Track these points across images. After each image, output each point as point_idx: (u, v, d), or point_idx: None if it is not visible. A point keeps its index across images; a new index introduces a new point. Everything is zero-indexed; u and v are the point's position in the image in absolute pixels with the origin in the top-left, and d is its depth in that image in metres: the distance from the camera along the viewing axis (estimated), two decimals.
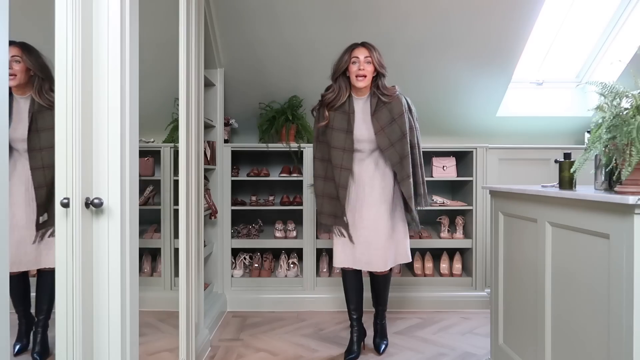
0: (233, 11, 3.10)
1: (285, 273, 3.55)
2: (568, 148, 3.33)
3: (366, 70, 2.39)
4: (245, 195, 3.83)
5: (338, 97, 2.45)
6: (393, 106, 2.41)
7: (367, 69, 2.39)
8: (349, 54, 2.42)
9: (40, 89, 2.32)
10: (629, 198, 1.34)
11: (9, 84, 2.24)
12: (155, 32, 2.90)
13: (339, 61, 2.45)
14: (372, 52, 2.40)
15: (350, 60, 2.41)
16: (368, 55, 2.40)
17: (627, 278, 1.38)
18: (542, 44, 3.66)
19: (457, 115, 3.84)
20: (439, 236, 3.63)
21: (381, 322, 2.74)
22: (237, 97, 3.68)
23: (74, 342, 1.49)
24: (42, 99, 2.31)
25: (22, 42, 2.32)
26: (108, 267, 1.58)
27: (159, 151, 3.37)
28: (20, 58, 2.29)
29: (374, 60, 2.40)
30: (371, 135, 2.44)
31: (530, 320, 1.97)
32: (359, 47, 2.44)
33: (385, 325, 2.76)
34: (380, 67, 2.42)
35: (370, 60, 2.40)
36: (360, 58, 2.40)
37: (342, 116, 2.46)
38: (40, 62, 2.33)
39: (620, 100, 1.50)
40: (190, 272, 2.34)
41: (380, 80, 2.44)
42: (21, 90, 2.34)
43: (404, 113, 2.42)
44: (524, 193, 1.99)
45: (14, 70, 2.28)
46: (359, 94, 2.48)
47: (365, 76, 2.40)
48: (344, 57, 2.44)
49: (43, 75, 2.32)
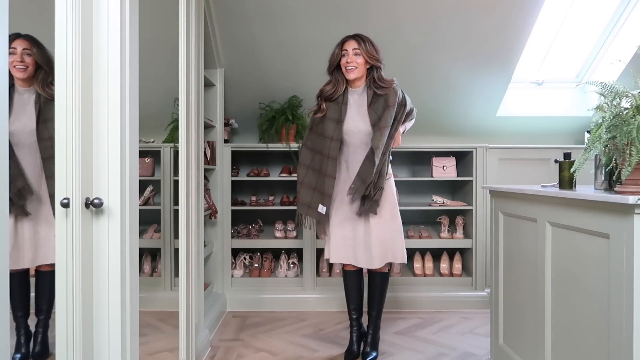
0: (233, 11, 3.10)
1: (285, 273, 3.55)
2: (568, 148, 3.33)
3: (355, 62, 2.39)
4: (245, 195, 3.83)
5: (335, 90, 2.47)
6: (389, 97, 2.40)
7: (356, 61, 2.39)
8: (339, 47, 2.44)
9: (43, 82, 2.33)
10: (629, 198, 1.34)
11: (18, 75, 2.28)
12: (155, 32, 2.90)
13: (331, 55, 2.47)
14: (361, 44, 2.39)
15: (341, 53, 2.43)
16: (356, 48, 2.39)
17: (627, 278, 1.38)
18: (542, 44, 3.66)
19: (457, 115, 3.83)
20: (439, 236, 3.63)
21: (374, 330, 2.62)
22: (237, 97, 3.68)
23: (74, 342, 1.49)
24: (45, 92, 2.33)
25: (30, 35, 2.33)
26: (108, 267, 1.58)
27: (159, 151, 3.37)
28: (30, 51, 2.31)
29: (363, 52, 2.39)
30: (367, 127, 2.42)
31: (530, 320, 1.97)
32: (349, 39, 2.43)
33: (378, 337, 2.64)
34: (371, 58, 2.40)
35: (359, 53, 2.39)
36: (349, 50, 2.40)
37: (336, 107, 2.47)
38: (47, 55, 2.35)
39: (620, 100, 1.50)
40: (190, 272, 2.34)
41: (375, 72, 2.42)
42: (26, 83, 2.35)
43: (396, 106, 2.39)
44: (523, 193, 1.99)
45: (25, 62, 2.30)
46: (353, 86, 2.48)
47: (355, 68, 2.40)
48: (335, 50, 2.46)
49: (48, 69, 2.33)
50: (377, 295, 2.61)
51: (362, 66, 2.41)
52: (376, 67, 2.42)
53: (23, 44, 2.29)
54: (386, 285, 2.64)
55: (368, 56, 2.40)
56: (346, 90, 2.49)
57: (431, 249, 3.69)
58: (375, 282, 2.61)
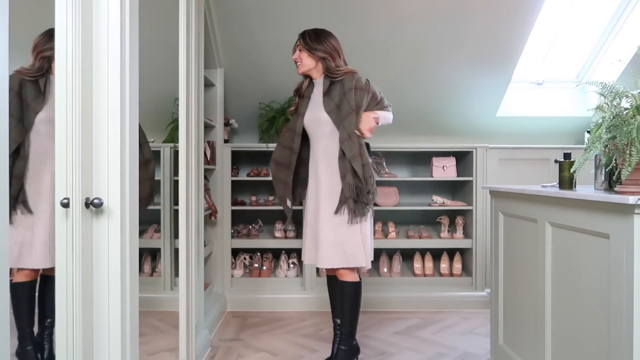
0: (233, 11, 3.10)
1: (285, 273, 3.55)
2: (568, 148, 3.32)
3: (298, 57, 2.42)
4: (245, 195, 3.83)
5: (301, 85, 2.50)
6: (344, 82, 2.35)
7: (300, 56, 2.41)
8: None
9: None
10: (629, 198, 1.34)
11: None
12: (155, 32, 2.90)
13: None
14: (303, 39, 2.41)
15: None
16: (299, 44, 2.43)
17: (627, 278, 1.38)
18: (542, 44, 3.66)
19: (457, 115, 3.83)
20: (439, 236, 3.63)
21: (342, 347, 2.34)
22: (237, 97, 3.68)
23: (74, 342, 1.49)
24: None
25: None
26: (108, 267, 1.57)
27: (159, 151, 3.37)
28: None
29: (303, 47, 2.39)
30: (323, 115, 2.35)
31: (530, 320, 1.97)
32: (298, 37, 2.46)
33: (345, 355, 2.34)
34: (315, 51, 2.36)
35: (301, 48, 2.41)
36: (295, 47, 2.45)
37: (303, 101, 2.48)
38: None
39: (620, 100, 1.50)
40: (190, 272, 2.33)
41: (327, 62, 2.37)
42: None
43: (353, 90, 2.31)
44: (524, 193, 1.99)
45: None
46: (314, 79, 2.46)
47: (300, 62, 2.41)
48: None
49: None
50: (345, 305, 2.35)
51: (308, 59, 2.40)
52: (324, 59, 2.38)
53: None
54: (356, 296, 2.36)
55: (310, 50, 2.38)
56: (311, 84, 2.47)
57: (431, 249, 3.69)
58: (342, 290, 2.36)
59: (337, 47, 2.40)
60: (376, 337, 2.91)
